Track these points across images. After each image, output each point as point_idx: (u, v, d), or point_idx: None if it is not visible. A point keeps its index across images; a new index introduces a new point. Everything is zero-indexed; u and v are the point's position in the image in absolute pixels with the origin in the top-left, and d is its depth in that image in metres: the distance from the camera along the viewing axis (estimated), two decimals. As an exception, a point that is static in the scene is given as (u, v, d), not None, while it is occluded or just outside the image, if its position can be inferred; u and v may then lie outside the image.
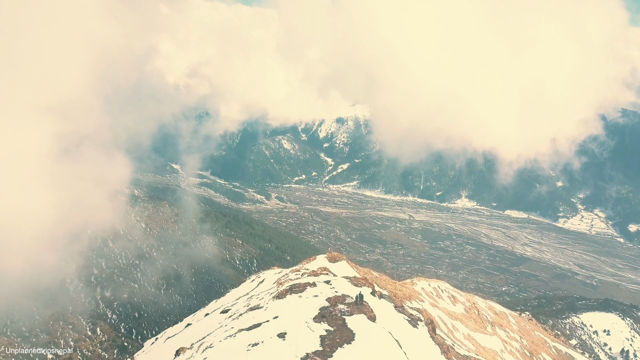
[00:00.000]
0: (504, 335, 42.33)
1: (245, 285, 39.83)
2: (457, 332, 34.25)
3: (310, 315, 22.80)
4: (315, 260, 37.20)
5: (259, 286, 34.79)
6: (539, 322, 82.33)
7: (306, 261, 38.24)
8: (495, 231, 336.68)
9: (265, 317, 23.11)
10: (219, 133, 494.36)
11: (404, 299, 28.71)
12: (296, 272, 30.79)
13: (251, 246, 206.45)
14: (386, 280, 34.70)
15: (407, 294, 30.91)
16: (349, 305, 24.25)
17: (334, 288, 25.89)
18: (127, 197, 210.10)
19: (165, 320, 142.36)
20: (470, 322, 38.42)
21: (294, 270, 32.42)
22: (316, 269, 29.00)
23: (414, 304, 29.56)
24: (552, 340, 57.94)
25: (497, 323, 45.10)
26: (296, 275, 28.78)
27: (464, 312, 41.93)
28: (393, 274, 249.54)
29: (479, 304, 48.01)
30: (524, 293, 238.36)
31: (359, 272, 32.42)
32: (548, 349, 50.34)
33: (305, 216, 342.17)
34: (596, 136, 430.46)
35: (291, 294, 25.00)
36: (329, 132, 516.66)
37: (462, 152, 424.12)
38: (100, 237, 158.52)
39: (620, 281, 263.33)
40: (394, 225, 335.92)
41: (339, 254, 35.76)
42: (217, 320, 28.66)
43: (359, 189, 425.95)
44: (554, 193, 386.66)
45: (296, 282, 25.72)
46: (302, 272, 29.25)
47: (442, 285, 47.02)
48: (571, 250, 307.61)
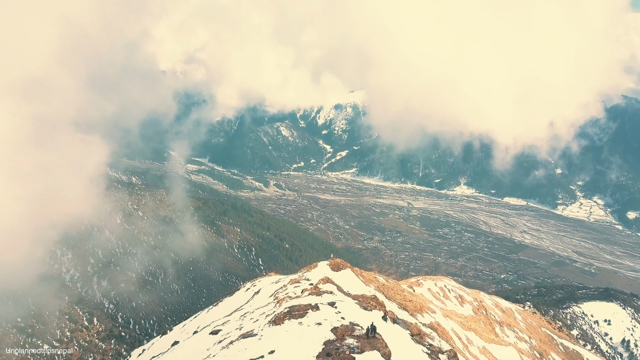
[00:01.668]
0: (513, 336, 40.81)
1: (239, 295, 36.52)
2: (472, 346, 32.28)
3: (313, 352, 19.15)
4: (316, 268, 33.96)
5: (254, 298, 31.65)
6: (542, 314, 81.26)
7: (307, 269, 35.26)
8: (494, 218, 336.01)
9: (259, 351, 19.66)
10: (217, 119, 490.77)
11: (415, 311, 26.73)
12: (295, 283, 28.29)
13: (249, 234, 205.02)
14: (394, 287, 32.18)
15: (417, 304, 28.68)
16: (359, 338, 20.53)
17: (339, 313, 21.94)
18: (124, 185, 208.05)
19: (163, 310, 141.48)
20: (480, 325, 36.67)
21: (293, 281, 29.47)
22: (318, 280, 26.33)
23: (426, 318, 27.43)
24: (559, 337, 56.69)
25: (505, 322, 43.59)
26: (295, 289, 26.14)
27: (472, 313, 40.31)
28: (392, 261, 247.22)
29: (485, 301, 46.45)
30: (522, 280, 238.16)
31: (365, 279, 30.04)
32: (556, 347, 49.03)
33: (304, 204, 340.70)
34: (597, 120, 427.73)
35: (290, 319, 21.44)
36: (328, 118, 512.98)
37: (459, 135, 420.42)
38: (97, 226, 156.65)
39: (618, 268, 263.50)
40: (393, 212, 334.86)
41: (342, 260, 33.13)
42: (205, 346, 25.58)
43: (358, 176, 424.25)
44: (553, 180, 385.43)
45: (296, 303, 22.48)
46: (302, 284, 26.63)
47: (447, 284, 45.28)
48: (570, 238, 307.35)
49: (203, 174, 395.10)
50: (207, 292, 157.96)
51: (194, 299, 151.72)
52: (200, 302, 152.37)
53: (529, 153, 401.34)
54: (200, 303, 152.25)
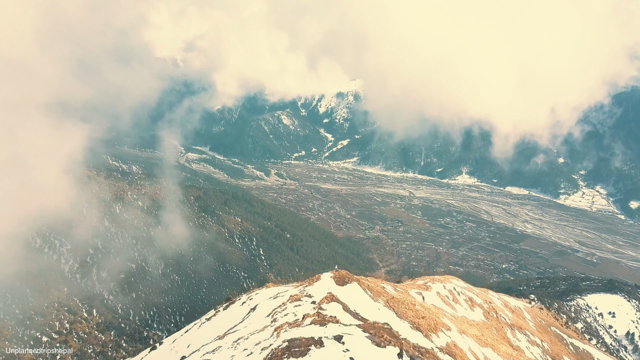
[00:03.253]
0: (525, 340, 39.28)
1: (234, 310, 33.30)
2: (491, 367, 30.76)
3: None
4: (319, 281, 31.29)
5: (249, 316, 28.57)
6: (547, 309, 80.00)
7: (309, 281, 32.78)
8: (495, 208, 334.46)
9: None
10: (217, 108, 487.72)
11: (430, 331, 24.86)
12: (296, 301, 25.94)
13: (250, 224, 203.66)
14: (404, 300, 29.75)
15: (431, 322, 26.67)
16: None
17: (348, 351, 18.72)
18: (123, 174, 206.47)
19: (163, 301, 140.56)
20: (492, 333, 35.10)
21: (294, 299, 26.99)
22: (321, 298, 23.84)
23: (441, 338, 25.45)
24: (569, 336, 55.35)
25: (516, 325, 42.09)
26: (296, 309, 23.43)
27: (484, 318, 38.75)
28: (393, 250, 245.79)
29: (494, 302, 44.88)
30: (524, 270, 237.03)
31: (373, 293, 27.71)
32: (566, 348, 47.69)
33: (305, 193, 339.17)
34: (601, 105, 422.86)
35: (289, 358, 18.26)
36: (329, 107, 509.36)
37: (458, 121, 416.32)
38: (96, 216, 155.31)
39: (620, 258, 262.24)
40: (394, 201, 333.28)
41: (347, 273, 30.49)
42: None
43: (359, 165, 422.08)
44: (555, 169, 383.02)
45: (296, 335, 19.50)
46: (304, 302, 24.09)
47: (456, 285, 43.56)
48: (572, 227, 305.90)
49: (204, 162, 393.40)
50: (208, 282, 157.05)
51: (194, 290, 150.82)
52: (200, 293, 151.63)
53: (529, 140, 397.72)
54: (201, 294, 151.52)
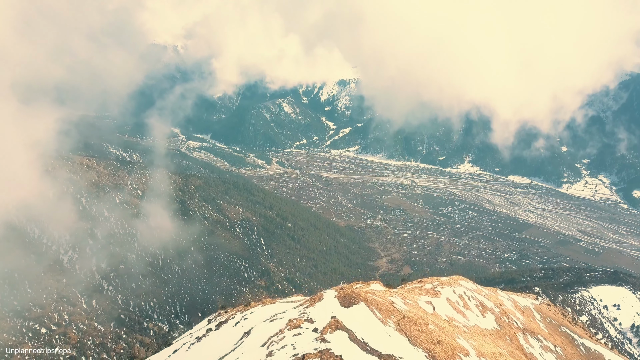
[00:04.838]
0: (538, 346, 37.80)
1: (226, 331, 29.80)
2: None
3: None
4: (321, 301, 27.90)
5: (242, 342, 25.38)
6: (552, 301, 78.64)
7: (310, 301, 29.49)
8: (498, 197, 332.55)
9: None
10: (218, 95, 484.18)
11: (447, 359, 23.12)
12: (295, 328, 23.44)
13: (251, 213, 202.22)
14: (417, 320, 26.88)
15: (448, 350, 24.43)
16: None
17: None
18: (124, 163, 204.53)
19: (164, 292, 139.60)
20: (506, 342, 33.53)
21: (292, 326, 24.16)
22: (324, 326, 21.27)
23: None
24: (580, 336, 53.93)
25: (528, 330, 40.50)
26: (295, 340, 21.14)
27: (496, 325, 37.05)
28: (395, 240, 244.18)
29: (504, 304, 43.22)
30: (526, 260, 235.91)
31: (383, 314, 25.30)
32: (578, 349, 46.29)
33: (307, 182, 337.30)
34: (607, 89, 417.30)
35: None
36: (331, 95, 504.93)
37: (457, 104, 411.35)
38: (95, 206, 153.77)
39: (623, 248, 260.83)
40: (396, 190, 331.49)
41: (353, 291, 27.25)
42: None
43: (361, 154, 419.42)
44: (557, 158, 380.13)
45: None
46: (304, 330, 21.70)
47: (466, 289, 41.76)
48: (574, 217, 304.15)
49: (205, 150, 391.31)
50: (209, 272, 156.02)
51: (194, 280, 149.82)
52: (201, 283, 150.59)
53: (531, 126, 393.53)
54: (201, 284, 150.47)
